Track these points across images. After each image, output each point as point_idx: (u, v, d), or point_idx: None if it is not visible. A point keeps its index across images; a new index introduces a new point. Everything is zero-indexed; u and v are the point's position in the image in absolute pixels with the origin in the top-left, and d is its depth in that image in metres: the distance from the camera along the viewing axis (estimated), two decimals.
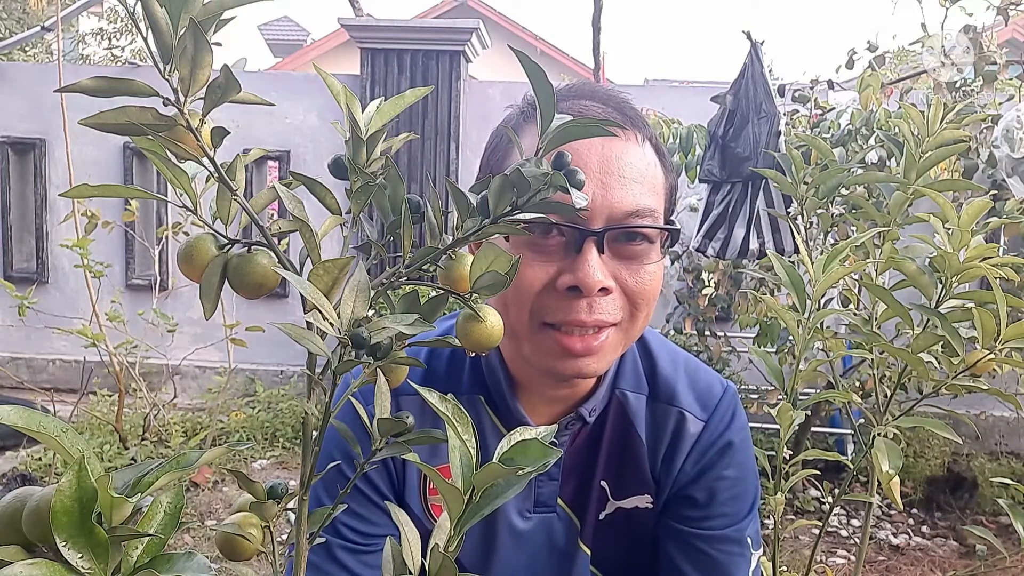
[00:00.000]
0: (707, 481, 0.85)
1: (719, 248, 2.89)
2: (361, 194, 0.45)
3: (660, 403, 0.87)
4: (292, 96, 4.92)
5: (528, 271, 0.71)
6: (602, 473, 0.85)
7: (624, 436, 0.86)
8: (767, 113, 2.72)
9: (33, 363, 5.15)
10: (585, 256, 0.70)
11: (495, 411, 0.84)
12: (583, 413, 0.83)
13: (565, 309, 0.71)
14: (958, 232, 0.96)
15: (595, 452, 0.85)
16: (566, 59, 14.36)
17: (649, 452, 0.86)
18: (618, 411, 0.86)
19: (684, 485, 0.85)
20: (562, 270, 0.71)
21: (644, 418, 0.86)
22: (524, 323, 0.73)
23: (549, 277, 0.72)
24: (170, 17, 0.38)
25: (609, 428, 0.85)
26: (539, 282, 0.72)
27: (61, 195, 0.45)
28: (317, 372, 0.44)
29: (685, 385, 0.88)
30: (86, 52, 11.03)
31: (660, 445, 0.86)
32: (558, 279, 0.71)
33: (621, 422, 0.86)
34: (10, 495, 0.39)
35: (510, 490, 0.42)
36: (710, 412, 0.87)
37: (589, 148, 0.72)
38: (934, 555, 3.14)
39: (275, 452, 4.02)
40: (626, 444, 0.86)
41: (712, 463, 0.85)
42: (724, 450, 0.85)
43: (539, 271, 0.72)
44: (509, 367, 0.83)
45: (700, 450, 0.86)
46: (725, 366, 3.93)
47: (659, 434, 0.86)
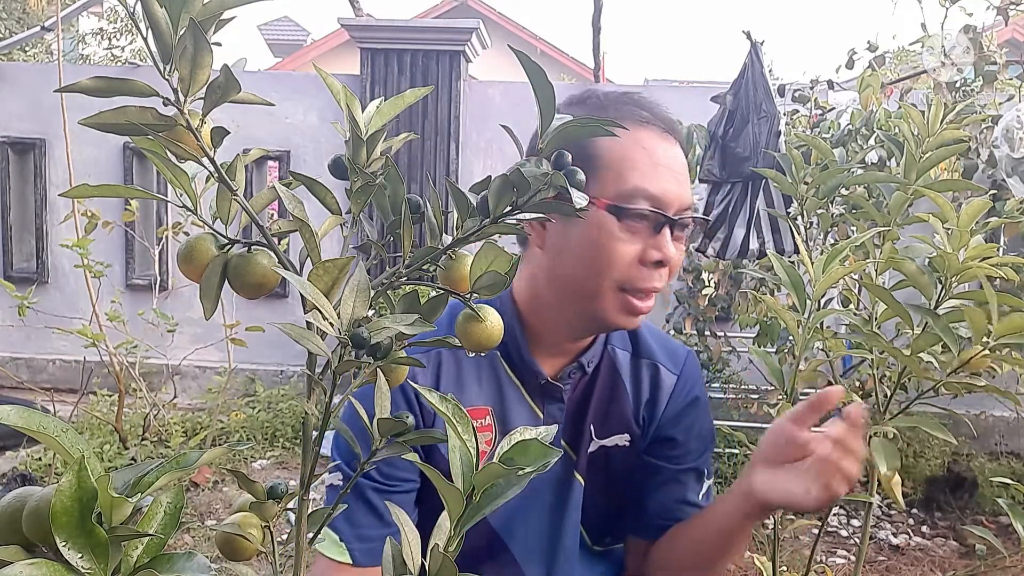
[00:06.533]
0: (683, 425, 1.04)
1: (719, 248, 2.88)
2: (361, 194, 0.45)
3: (641, 359, 1.05)
4: (292, 96, 4.92)
5: (620, 246, 0.86)
6: (591, 416, 1.01)
7: (612, 386, 1.02)
8: (767, 113, 2.72)
9: (33, 363, 5.15)
10: (666, 236, 0.88)
11: (509, 363, 0.98)
12: (583, 363, 0.99)
13: (647, 278, 0.88)
14: (957, 232, 0.96)
15: (588, 398, 1.01)
16: (566, 59, 14.36)
17: (633, 400, 1.03)
18: (608, 365, 1.03)
19: (665, 428, 1.04)
20: (648, 247, 0.87)
21: (628, 371, 1.04)
22: (604, 287, 0.88)
23: (637, 252, 0.87)
24: (170, 17, 0.38)
25: (600, 379, 1.02)
26: (629, 256, 0.87)
27: (61, 195, 0.45)
28: (317, 372, 0.44)
29: (659, 345, 1.07)
30: (86, 52, 11.02)
31: (642, 394, 1.04)
32: (645, 254, 0.87)
33: (610, 374, 1.03)
34: (10, 495, 0.39)
35: (510, 490, 0.42)
36: (680, 368, 1.06)
37: (653, 141, 0.89)
38: (934, 555, 3.14)
39: (275, 452, 4.02)
40: (613, 392, 1.02)
41: (686, 412, 1.05)
42: (694, 402, 1.06)
43: (629, 247, 0.87)
44: (531, 323, 0.97)
45: (676, 400, 1.04)
46: (725, 366, 3.93)
47: (640, 385, 1.04)
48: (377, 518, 0.91)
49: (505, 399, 0.97)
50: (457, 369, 0.96)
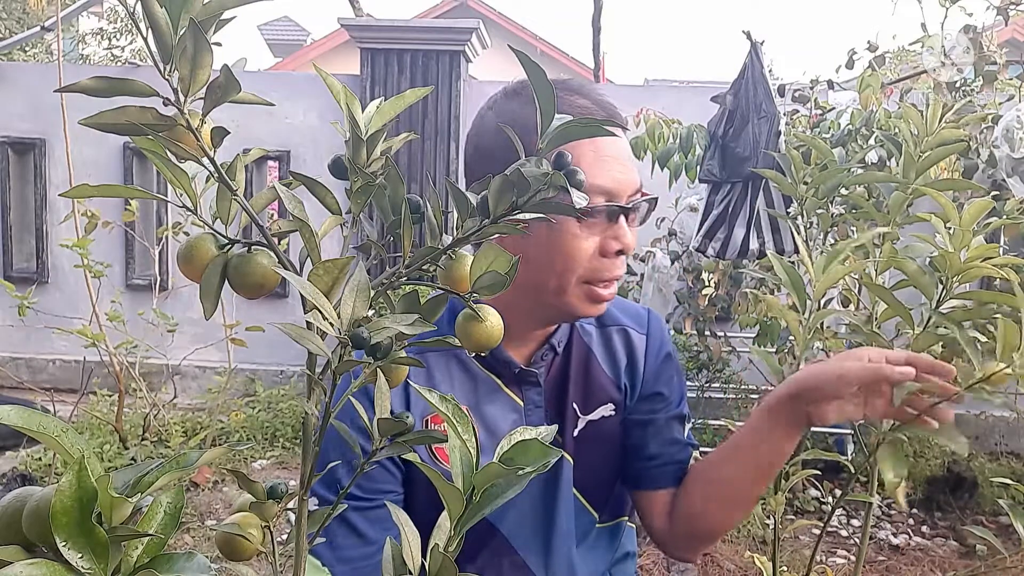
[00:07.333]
0: (664, 379, 1.09)
1: (719, 248, 2.88)
2: (361, 194, 0.45)
3: (608, 327, 1.08)
4: (292, 96, 4.92)
5: (579, 243, 0.88)
6: (572, 395, 1.02)
7: (586, 361, 1.05)
8: (767, 113, 2.72)
9: (33, 363, 5.15)
10: (622, 225, 0.90)
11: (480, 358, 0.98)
12: (554, 344, 1.01)
13: (609, 268, 0.91)
14: (959, 232, 0.96)
15: (565, 378, 1.03)
16: (566, 59, 14.36)
17: (611, 369, 1.06)
18: (578, 342, 1.05)
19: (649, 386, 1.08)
20: (607, 238, 0.89)
21: (599, 342, 1.07)
22: (568, 283, 0.90)
23: (596, 246, 0.89)
24: (170, 17, 0.38)
25: (574, 356, 1.04)
26: (589, 251, 0.89)
27: (61, 195, 0.45)
28: (317, 372, 0.44)
29: (620, 311, 1.10)
30: (86, 52, 11.02)
31: (619, 361, 1.06)
32: (605, 246, 0.89)
33: (582, 349, 1.05)
34: (10, 495, 0.39)
35: (510, 490, 0.42)
36: (646, 326, 1.10)
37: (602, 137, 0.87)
38: (934, 555, 3.14)
39: (275, 452, 4.01)
40: (587, 367, 1.04)
41: (664, 367, 1.09)
42: (668, 357, 1.10)
43: (587, 243, 0.89)
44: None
45: (651, 357, 1.09)
46: (725, 366, 3.93)
47: (615, 352, 1.07)
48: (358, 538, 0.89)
49: (480, 394, 0.98)
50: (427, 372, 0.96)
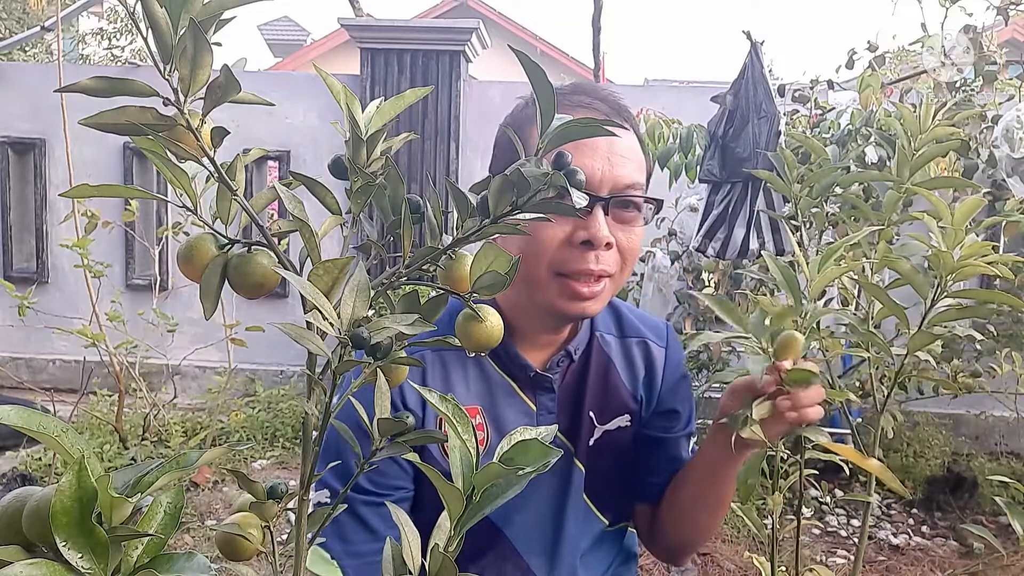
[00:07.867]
0: (681, 397, 1.09)
1: (719, 248, 2.88)
2: (361, 194, 0.45)
3: (627, 338, 1.08)
4: (292, 96, 4.92)
5: (548, 230, 0.86)
6: (589, 404, 1.02)
7: (605, 371, 1.04)
8: (767, 113, 2.71)
9: (33, 363, 5.15)
10: (596, 217, 0.87)
11: (497, 360, 0.98)
12: (570, 350, 1.00)
13: (578, 260, 0.87)
14: (952, 230, 0.96)
15: (582, 387, 1.02)
16: (566, 59, 14.35)
17: (629, 380, 1.05)
18: (598, 350, 1.04)
19: (665, 401, 1.08)
20: (576, 228, 0.87)
21: (619, 353, 1.06)
22: (541, 273, 0.89)
23: (566, 234, 0.87)
24: (170, 17, 0.38)
25: (593, 365, 1.03)
26: (557, 239, 0.87)
27: (61, 195, 0.45)
28: (317, 372, 0.44)
29: (641, 322, 1.10)
30: (86, 52, 11.01)
31: (638, 373, 1.06)
32: (573, 235, 0.87)
33: (601, 359, 1.04)
34: (10, 495, 0.39)
35: (510, 490, 0.42)
36: (665, 340, 1.10)
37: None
38: (934, 555, 3.14)
39: (275, 452, 4.01)
40: (606, 377, 1.04)
41: (678, 385, 1.09)
42: (684, 376, 1.11)
43: (557, 230, 0.87)
44: (509, 317, 0.97)
45: (670, 371, 1.08)
46: (725, 366, 3.92)
47: (634, 364, 1.06)
48: (369, 533, 0.89)
49: (496, 396, 0.98)
50: (444, 371, 0.96)
